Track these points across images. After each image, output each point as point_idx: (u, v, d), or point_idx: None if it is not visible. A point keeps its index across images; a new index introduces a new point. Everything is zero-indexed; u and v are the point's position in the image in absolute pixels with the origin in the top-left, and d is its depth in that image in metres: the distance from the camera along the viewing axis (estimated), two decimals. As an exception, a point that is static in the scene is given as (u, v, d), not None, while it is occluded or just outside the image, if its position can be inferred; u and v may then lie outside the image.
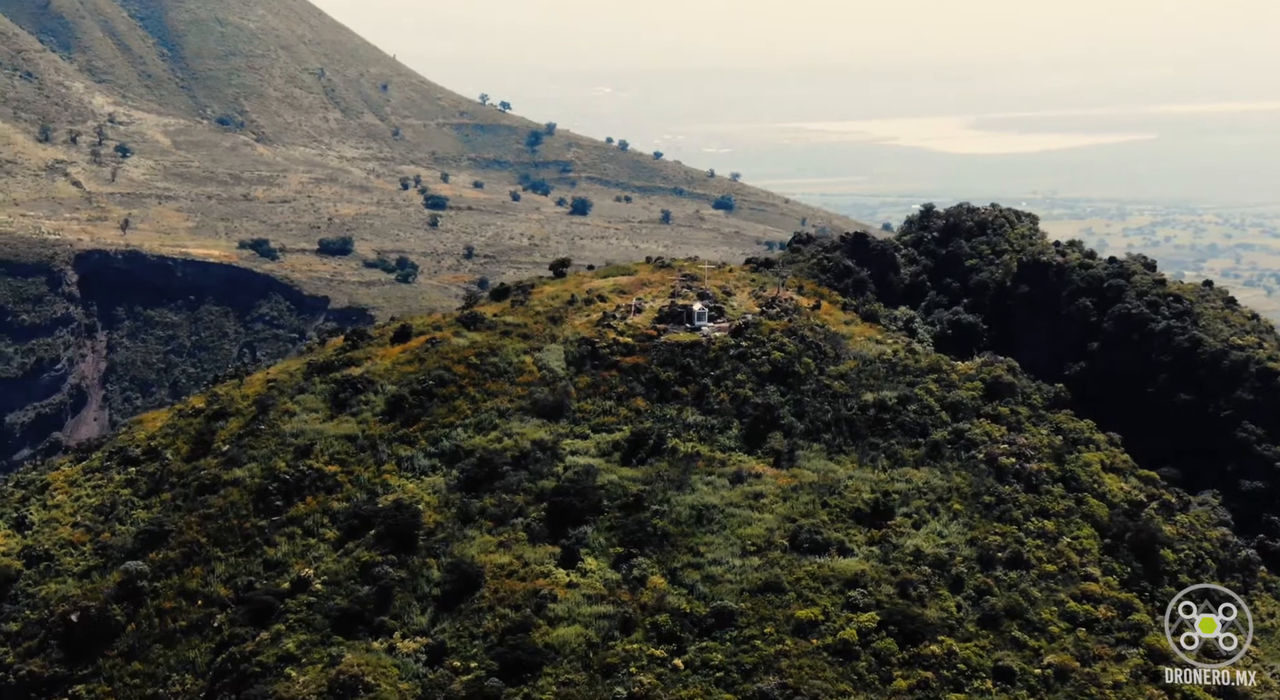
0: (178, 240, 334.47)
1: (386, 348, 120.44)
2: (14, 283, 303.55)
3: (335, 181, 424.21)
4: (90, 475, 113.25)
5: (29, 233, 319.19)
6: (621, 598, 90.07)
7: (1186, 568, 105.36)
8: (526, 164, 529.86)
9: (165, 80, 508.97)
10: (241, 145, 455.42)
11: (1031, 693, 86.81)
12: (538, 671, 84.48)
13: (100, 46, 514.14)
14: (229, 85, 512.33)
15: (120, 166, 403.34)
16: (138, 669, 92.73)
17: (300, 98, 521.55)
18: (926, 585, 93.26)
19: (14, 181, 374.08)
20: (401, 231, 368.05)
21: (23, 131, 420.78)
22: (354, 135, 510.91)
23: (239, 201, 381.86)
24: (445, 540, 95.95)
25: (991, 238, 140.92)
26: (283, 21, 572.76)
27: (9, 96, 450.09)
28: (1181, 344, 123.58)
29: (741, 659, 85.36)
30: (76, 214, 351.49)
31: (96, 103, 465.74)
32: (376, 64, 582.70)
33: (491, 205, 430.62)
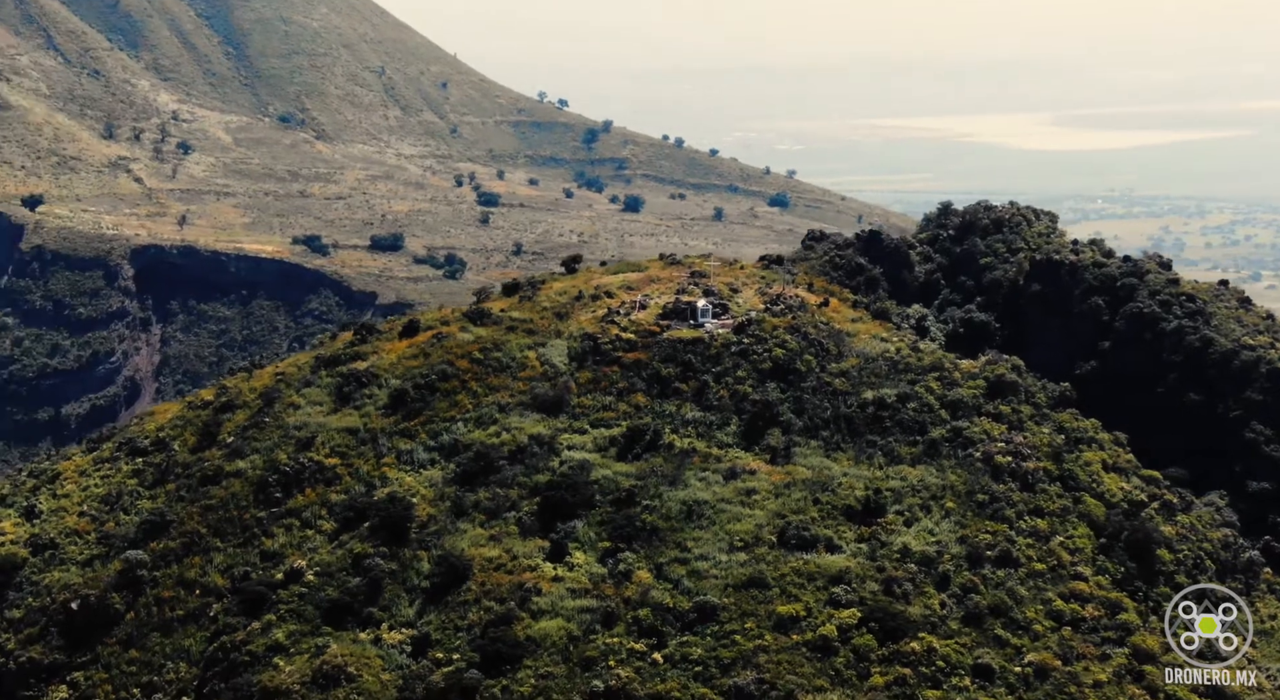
0: (233, 236, 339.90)
1: (394, 342, 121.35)
2: (72, 277, 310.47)
3: (391, 179, 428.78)
4: (100, 465, 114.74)
5: (88, 228, 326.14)
6: (605, 592, 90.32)
7: (1185, 568, 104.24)
8: (582, 161, 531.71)
9: (229, 78, 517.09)
10: (301, 142, 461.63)
11: (1010, 691, 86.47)
12: (517, 664, 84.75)
13: (166, 45, 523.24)
14: (291, 83, 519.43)
15: (181, 163, 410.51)
16: (134, 657, 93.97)
17: (361, 96, 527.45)
18: (912, 583, 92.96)
19: (77, 178, 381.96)
20: (453, 228, 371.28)
21: (88, 129, 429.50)
22: (413, 133, 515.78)
23: (295, 198, 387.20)
24: (437, 533, 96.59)
25: (1007, 236, 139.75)
26: (345, 20, 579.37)
27: (76, 94, 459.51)
28: (1192, 343, 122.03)
29: (720, 654, 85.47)
30: (136, 210, 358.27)
31: (161, 100, 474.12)
32: (437, 62, 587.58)
33: (544, 202, 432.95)
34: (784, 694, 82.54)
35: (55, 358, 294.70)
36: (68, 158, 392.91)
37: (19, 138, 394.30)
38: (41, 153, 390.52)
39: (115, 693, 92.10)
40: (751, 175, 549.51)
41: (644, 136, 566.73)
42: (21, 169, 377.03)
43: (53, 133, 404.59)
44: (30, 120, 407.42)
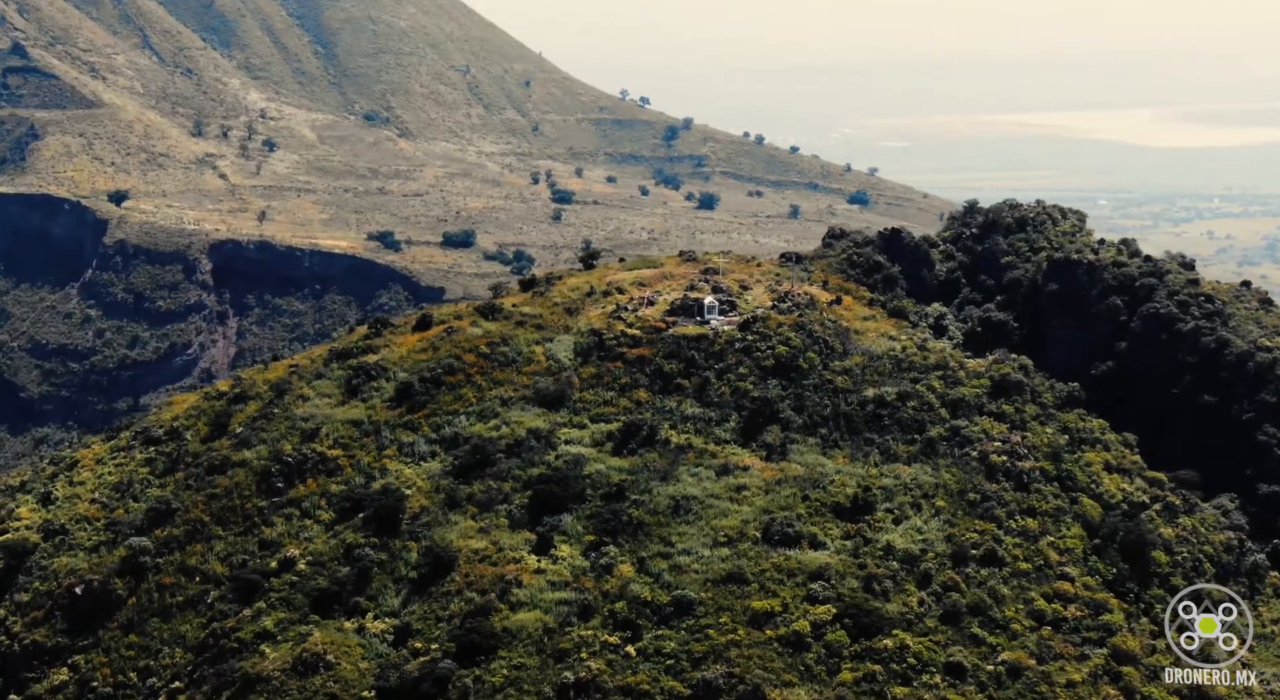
0: (310, 231, 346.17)
1: (406, 336, 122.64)
2: (152, 270, 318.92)
3: (469, 176, 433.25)
4: (116, 454, 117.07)
5: (169, 223, 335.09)
6: (585, 585, 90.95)
7: (1182, 571, 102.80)
8: (661, 159, 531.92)
9: (317, 77, 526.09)
10: (384, 140, 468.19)
11: (981, 689, 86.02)
12: (492, 655, 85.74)
13: (258, 44, 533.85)
14: (377, 82, 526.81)
15: (266, 160, 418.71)
16: (134, 641, 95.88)
17: (445, 94, 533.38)
18: (893, 580, 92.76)
19: (165, 174, 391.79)
20: (525, 225, 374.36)
21: (178, 126, 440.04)
22: (494, 131, 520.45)
23: (373, 195, 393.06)
24: (428, 525, 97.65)
25: (1031, 235, 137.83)
26: (432, 19, 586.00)
27: (169, 92, 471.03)
28: (1208, 345, 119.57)
29: (693, 647, 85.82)
30: (219, 206, 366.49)
31: (251, 99, 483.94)
32: (521, 61, 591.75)
33: (618, 199, 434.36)
34: (751, 688, 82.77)
35: (135, 349, 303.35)
36: (157, 154, 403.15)
37: (110, 135, 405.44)
38: (131, 149, 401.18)
39: (113, 676, 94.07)
40: (831, 173, 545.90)
41: (724, 134, 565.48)
42: (111, 165, 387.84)
43: (143, 130, 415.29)
44: (122, 117, 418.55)
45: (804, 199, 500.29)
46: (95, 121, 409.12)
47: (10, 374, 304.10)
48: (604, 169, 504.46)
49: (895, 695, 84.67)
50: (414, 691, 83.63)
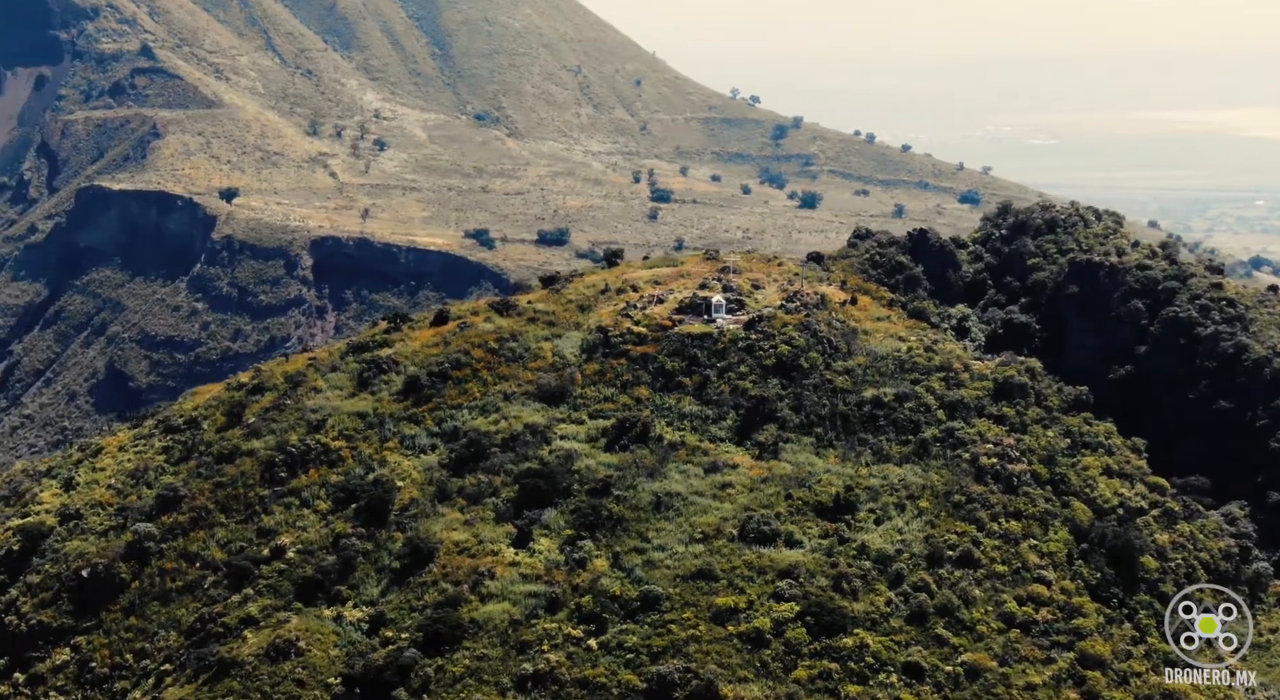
0: (410, 229, 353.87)
1: (422, 331, 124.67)
2: (256, 265, 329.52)
3: (571, 175, 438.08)
4: (137, 441, 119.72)
5: (275, 219, 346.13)
6: (556, 578, 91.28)
7: (1173, 577, 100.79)
8: (769, 157, 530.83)
9: (433, 78, 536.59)
10: (493, 140, 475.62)
11: (937, 689, 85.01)
12: (457, 645, 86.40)
13: (377, 46, 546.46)
14: (490, 82, 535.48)
15: (375, 159, 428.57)
16: (133, 624, 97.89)
17: (555, 94, 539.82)
18: (863, 580, 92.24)
19: (278, 172, 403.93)
20: (620, 223, 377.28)
21: (294, 126, 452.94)
22: (603, 130, 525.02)
23: (476, 193, 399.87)
24: (415, 516, 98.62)
25: (1060, 237, 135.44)
26: (547, 20, 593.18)
27: (288, 93, 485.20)
28: (1226, 349, 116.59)
29: (654, 642, 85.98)
30: (326, 203, 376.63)
31: (367, 99, 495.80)
32: (633, 61, 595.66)
33: (719, 198, 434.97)
34: (704, 683, 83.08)
35: (237, 341, 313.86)
36: (271, 153, 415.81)
37: (228, 134, 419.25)
38: (247, 148, 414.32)
39: (111, 657, 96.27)
40: (943, 171, 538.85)
41: (834, 132, 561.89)
42: (227, 163, 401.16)
43: (260, 129, 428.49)
44: (240, 117, 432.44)
45: (913, 198, 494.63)
46: (214, 121, 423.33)
47: (121, 364, 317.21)
48: (710, 168, 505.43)
49: (848, 693, 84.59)
50: (377, 679, 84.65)
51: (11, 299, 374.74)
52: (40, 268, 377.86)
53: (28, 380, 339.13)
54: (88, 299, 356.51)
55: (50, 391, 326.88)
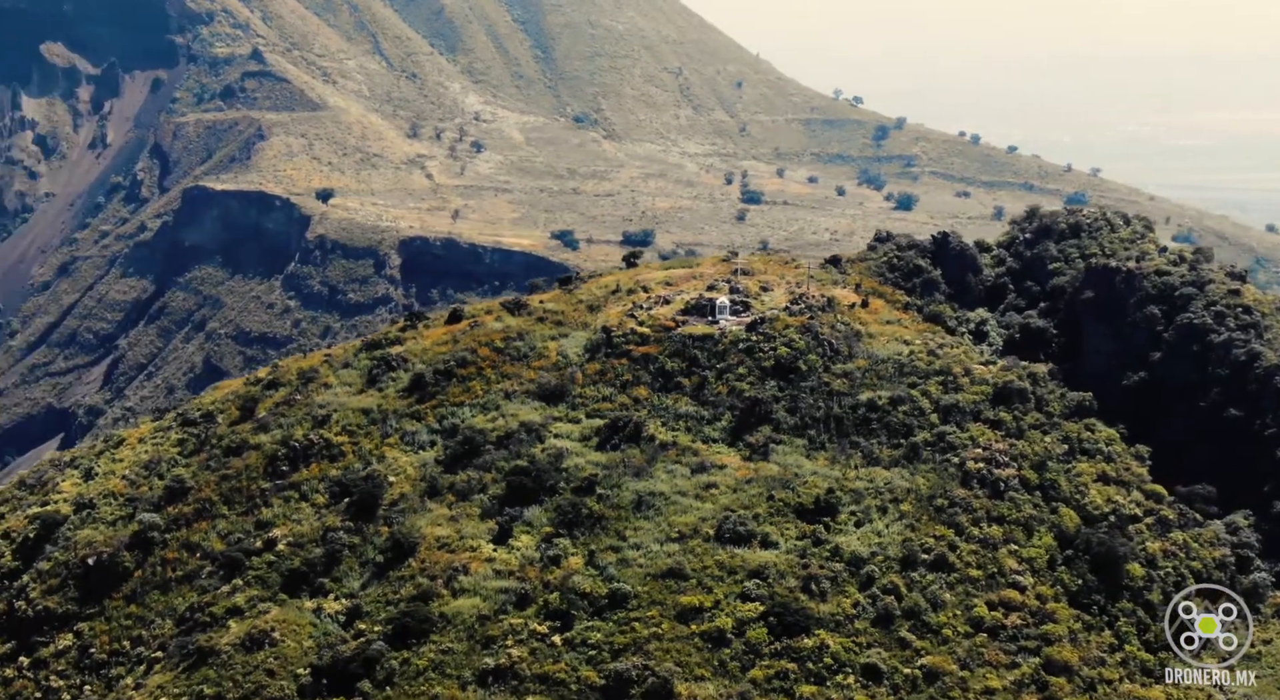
0: (498, 230, 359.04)
1: (435, 329, 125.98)
2: (346, 264, 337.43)
3: (664, 177, 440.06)
4: (156, 434, 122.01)
5: (364, 219, 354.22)
6: (528, 574, 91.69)
7: (1160, 586, 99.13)
8: (870, 158, 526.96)
9: (534, 80, 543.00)
10: (589, 142, 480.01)
11: (893, 691, 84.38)
12: (424, 638, 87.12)
13: (482, 49, 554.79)
14: (590, 85, 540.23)
15: (472, 161, 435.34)
16: (133, 612, 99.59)
17: (655, 96, 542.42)
18: (833, 581, 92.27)
19: (376, 173, 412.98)
20: (707, 225, 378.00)
21: (396, 128, 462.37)
22: (701, 131, 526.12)
23: (567, 194, 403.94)
24: (404, 511, 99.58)
25: (1084, 241, 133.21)
26: (650, 23, 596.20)
27: (393, 96, 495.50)
28: (1238, 357, 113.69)
29: (616, 640, 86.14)
30: (420, 204, 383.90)
31: (468, 101, 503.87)
32: (735, 62, 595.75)
33: (812, 200, 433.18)
34: (660, 680, 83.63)
35: (326, 338, 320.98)
36: (371, 155, 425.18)
37: (330, 136, 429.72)
38: (348, 150, 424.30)
39: (110, 644, 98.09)
40: (1050, 173, 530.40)
41: (937, 133, 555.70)
42: (328, 164, 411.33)
43: (361, 132, 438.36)
44: (343, 120, 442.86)
45: (1016, 200, 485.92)
46: (317, 123, 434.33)
47: (216, 359, 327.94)
48: (808, 169, 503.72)
49: (803, 693, 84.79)
50: (344, 671, 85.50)
51: (120, 295, 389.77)
52: (147, 265, 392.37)
53: (130, 374, 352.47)
54: (189, 295, 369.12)
55: (151, 385, 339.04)
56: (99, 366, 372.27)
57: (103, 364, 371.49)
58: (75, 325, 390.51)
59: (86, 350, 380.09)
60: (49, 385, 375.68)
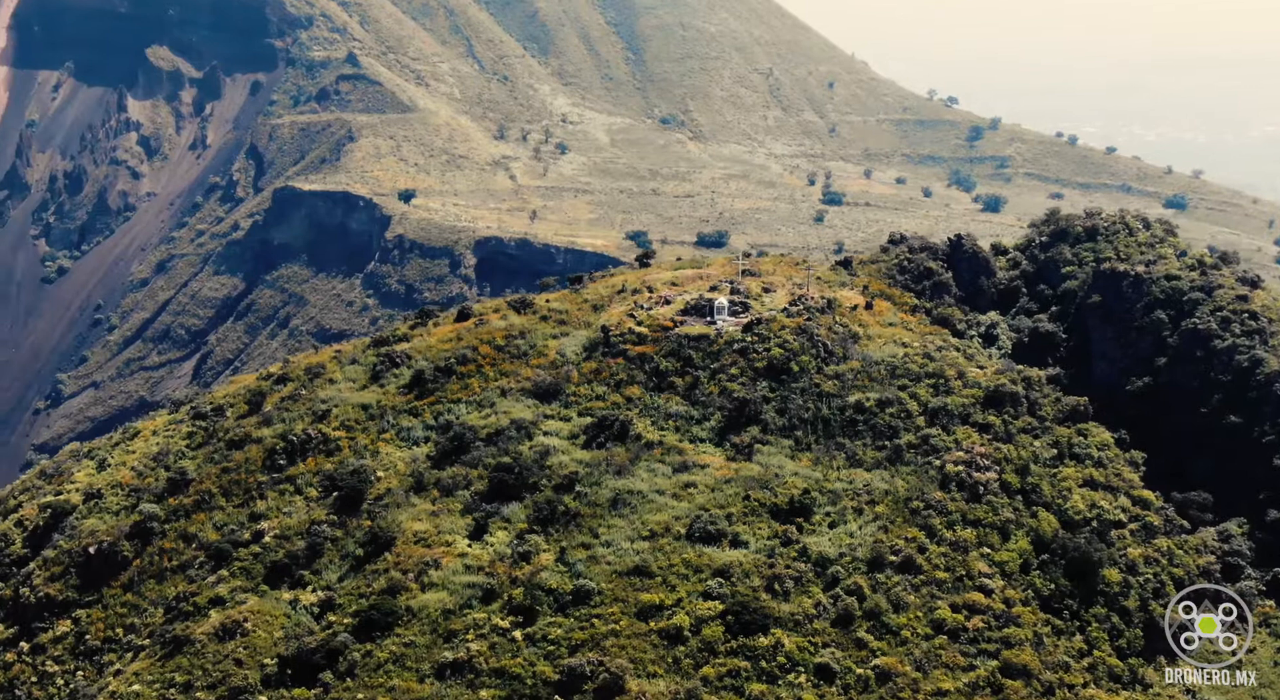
0: (574, 230, 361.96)
1: (444, 327, 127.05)
2: (423, 263, 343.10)
3: (746, 178, 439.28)
4: (169, 427, 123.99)
5: (444, 220, 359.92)
6: (497, 570, 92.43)
7: (1138, 592, 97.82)
8: (962, 159, 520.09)
9: (624, 82, 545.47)
10: (674, 143, 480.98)
11: (844, 691, 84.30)
12: (389, 631, 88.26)
13: (574, 52, 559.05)
14: (679, 86, 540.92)
15: (555, 163, 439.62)
16: (128, 600, 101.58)
17: (744, 97, 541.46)
18: (797, 581, 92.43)
19: (460, 174, 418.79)
20: (784, 226, 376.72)
21: (484, 130, 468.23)
22: (789, 132, 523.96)
23: (646, 195, 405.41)
24: (388, 506, 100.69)
25: (1099, 244, 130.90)
26: (743, 24, 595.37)
27: (483, 98, 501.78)
28: (1240, 363, 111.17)
29: (575, 636, 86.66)
30: (500, 205, 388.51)
31: (557, 104, 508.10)
32: (828, 62, 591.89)
33: (895, 201, 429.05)
34: (612, 677, 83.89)
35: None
36: (457, 156, 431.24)
37: (418, 138, 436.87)
38: (435, 151, 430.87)
39: (105, 631, 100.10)
40: (1149, 175, 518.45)
41: (1033, 133, 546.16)
42: (414, 166, 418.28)
43: (448, 133, 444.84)
44: (431, 122, 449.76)
45: (1112, 202, 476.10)
46: (406, 125, 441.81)
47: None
48: (897, 170, 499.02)
49: (753, 691, 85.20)
50: (308, 661, 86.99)
51: (212, 292, 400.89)
52: (238, 263, 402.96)
53: (218, 369, 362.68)
54: (276, 293, 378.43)
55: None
56: (189, 361, 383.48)
57: (193, 359, 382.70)
58: (169, 321, 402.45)
59: (179, 345, 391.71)
60: (143, 379, 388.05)
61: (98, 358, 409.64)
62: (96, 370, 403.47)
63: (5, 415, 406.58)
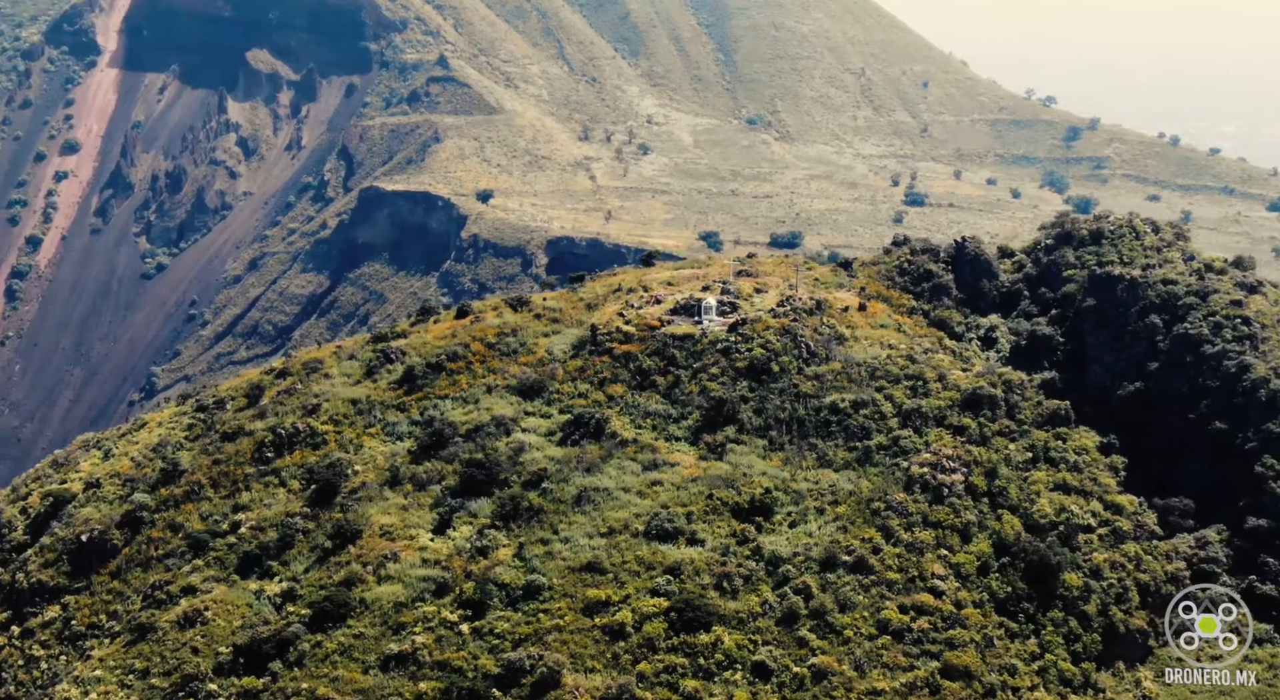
0: (646, 230, 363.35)
1: (443, 324, 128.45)
2: (495, 263, 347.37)
3: (829, 178, 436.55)
4: (174, 418, 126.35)
5: (519, 220, 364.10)
6: (453, 564, 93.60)
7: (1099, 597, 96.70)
8: (1057, 160, 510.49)
9: (713, 83, 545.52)
10: (759, 144, 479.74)
11: (778, 689, 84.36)
12: (341, 622, 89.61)
13: (663, 53, 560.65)
14: (769, 87, 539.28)
15: (636, 164, 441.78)
16: (115, 587, 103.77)
17: (834, 97, 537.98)
18: (747, 580, 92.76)
19: (542, 175, 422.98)
20: (860, 227, 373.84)
21: (569, 131, 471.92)
22: (878, 132, 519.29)
23: (724, 196, 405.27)
24: (361, 499, 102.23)
25: (1103, 248, 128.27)
26: (836, 24, 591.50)
27: (571, 99, 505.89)
28: (1229, 369, 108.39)
29: (521, 630, 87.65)
30: (577, 205, 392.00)
31: (644, 105, 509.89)
32: (923, 62, 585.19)
33: (981, 202, 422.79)
34: (549, 670, 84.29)
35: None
36: (539, 157, 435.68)
37: (502, 139, 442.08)
38: (517, 152, 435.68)
39: (90, 617, 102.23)
40: (1254, 177, 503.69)
41: (1133, 134, 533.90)
42: (496, 166, 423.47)
43: (532, 135, 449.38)
44: (516, 123, 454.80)
45: (1213, 205, 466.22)
46: (491, 126, 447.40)
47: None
48: (989, 171, 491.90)
49: (686, 688, 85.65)
50: (260, 651, 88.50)
51: (299, 289, 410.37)
52: (324, 261, 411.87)
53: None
54: (358, 290, 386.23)
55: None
56: (275, 357, 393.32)
57: (278, 355, 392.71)
58: (258, 317, 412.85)
59: (265, 341, 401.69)
60: (231, 373, 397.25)
61: (190, 352, 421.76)
62: (189, 364, 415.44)
63: (102, 407, 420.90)
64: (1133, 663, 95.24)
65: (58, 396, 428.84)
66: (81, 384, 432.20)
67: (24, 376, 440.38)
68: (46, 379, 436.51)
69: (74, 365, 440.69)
